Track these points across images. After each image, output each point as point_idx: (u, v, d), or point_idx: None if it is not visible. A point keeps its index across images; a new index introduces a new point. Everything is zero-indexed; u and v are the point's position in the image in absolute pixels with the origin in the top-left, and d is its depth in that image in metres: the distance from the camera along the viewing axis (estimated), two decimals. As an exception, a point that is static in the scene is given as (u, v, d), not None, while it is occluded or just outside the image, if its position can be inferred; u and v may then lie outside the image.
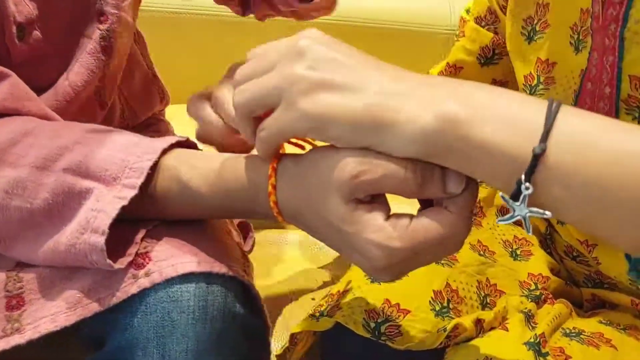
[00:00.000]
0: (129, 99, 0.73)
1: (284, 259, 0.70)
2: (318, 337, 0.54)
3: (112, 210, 0.39)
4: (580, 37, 0.50)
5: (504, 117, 0.30)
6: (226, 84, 0.44)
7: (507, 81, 0.66)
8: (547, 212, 0.30)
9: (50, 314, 0.40)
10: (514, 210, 0.31)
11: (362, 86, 0.33)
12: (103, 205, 0.40)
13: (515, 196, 0.30)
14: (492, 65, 0.65)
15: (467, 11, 0.67)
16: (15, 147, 0.43)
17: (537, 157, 0.29)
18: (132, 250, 0.41)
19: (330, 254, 0.72)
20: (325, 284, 0.67)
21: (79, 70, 0.62)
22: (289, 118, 0.33)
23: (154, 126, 0.78)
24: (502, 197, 0.32)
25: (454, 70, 0.67)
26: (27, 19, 0.55)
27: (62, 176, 0.41)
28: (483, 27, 0.64)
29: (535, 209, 0.31)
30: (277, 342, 0.61)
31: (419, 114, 0.31)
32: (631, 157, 0.28)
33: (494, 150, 0.30)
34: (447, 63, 0.67)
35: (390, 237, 0.33)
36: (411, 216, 0.35)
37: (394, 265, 0.34)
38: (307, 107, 0.33)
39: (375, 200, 0.35)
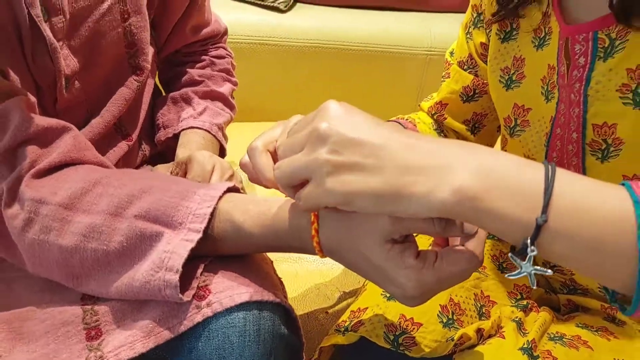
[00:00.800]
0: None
1: (299, 275, 0.78)
2: (337, 350, 0.62)
3: (184, 252, 0.46)
4: (549, 89, 0.59)
5: (509, 189, 0.36)
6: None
7: (486, 113, 0.74)
8: (549, 271, 0.39)
9: (128, 342, 0.47)
10: (521, 268, 0.39)
11: (380, 164, 0.38)
12: (174, 247, 0.47)
13: (522, 253, 0.37)
14: (473, 102, 0.74)
15: (451, 53, 0.76)
16: (87, 196, 0.50)
17: (540, 226, 0.35)
18: (195, 284, 0.48)
19: (338, 272, 0.80)
20: (337, 299, 0.75)
21: (113, 111, 0.68)
22: (319, 195, 0.40)
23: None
24: (512, 258, 0.39)
25: (441, 107, 0.76)
26: (72, 72, 0.62)
27: (134, 222, 0.48)
28: (465, 70, 0.72)
29: (539, 268, 0.38)
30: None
31: (436, 187, 0.36)
32: (621, 216, 0.35)
33: (503, 218, 0.36)
34: (436, 101, 0.76)
35: (421, 272, 0.42)
36: (435, 253, 0.43)
37: (423, 294, 0.43)
38: (333, 187, 0.39)
39: (406, 240, 0.43)
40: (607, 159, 0.55)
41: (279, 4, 1.28)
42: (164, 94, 0.86)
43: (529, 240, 0.36)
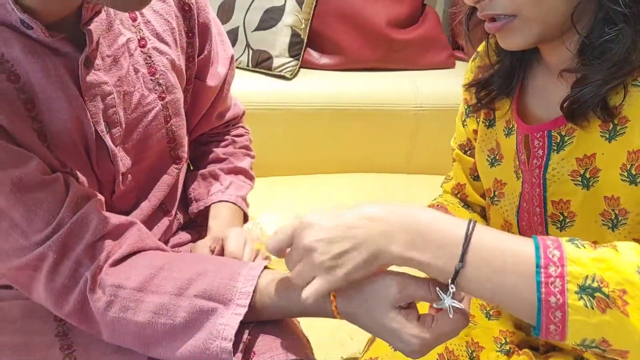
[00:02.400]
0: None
1: (316, 322, 0.91)
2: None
3: (235, 324, 0.59)
4: (518, 170, 0.73)
5: (438, 245, 0.51)
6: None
7: None
8: (461, 305, 0.53)
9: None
10: (444, 300, 0.53)
11: (356, 245, 0.53)
12: (226, 321, 0.60)
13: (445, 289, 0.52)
14: (479, 180, 0.86)
15: (454, 138, 0.89)
16: (154, 279, 0.63)
17: (457, 271, 0.51)
18: (242, 347, 0.61)
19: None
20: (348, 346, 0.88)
21: (158, 195, 0.82)
22: (329, 285, 0.55)
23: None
24: (438, 292, 0.53)
25: (460, 187, 0.89)
26: (126, 169, 0.75)
27: (194, 300, 0.61)
28: (465, 153, 0.86)
29: (455, 302, 0.53)
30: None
31: (387, 246, 0.53)
32: (524, 262, 0.50)
33: (432, 268, 0.52)
34: (454, 184, 0.89)
35: (422, 331, 0.55)
36: (432, 316, 0.56)
37: (423, 348, 0.56)
38: (331, 279, 0.54)
39: (409, 306, 0.56)
40: (564, 229, 0.68)
41: (285, 72, 1.44)
42: (192, 167, 0.99)
43: (449, 280, 0.51)
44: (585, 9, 0.59)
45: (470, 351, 0.75)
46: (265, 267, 0.65)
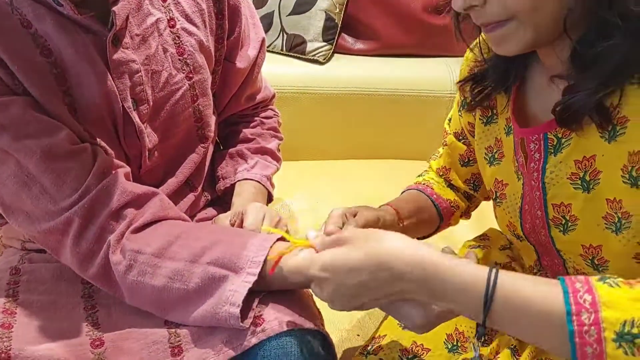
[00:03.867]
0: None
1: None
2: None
3: (243, 290, 0.62)
4: (519, 170, 0.70)
5: (463, 300, 0.52)
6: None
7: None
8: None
9: (203, 358, 0.63)
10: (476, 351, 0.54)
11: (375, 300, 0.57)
12: (236, 287, 0.62)
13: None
14: (469, 166, 0.85)
15: (449, 121, 0.87)
16: (172, 247, 0.66)
17: (484, 324, 0.51)
18: (252, 314, 0.64)
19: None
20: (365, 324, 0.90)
21: (185, 172, 0.85)
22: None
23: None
24: (472, 346, 0.54)
25: (446, 170, 0.88)
26: (153, 145, 0.79)
27: (207, 267, 0.64)
28: (460, 140, 0.84)
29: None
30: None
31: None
32: (548, 314, 0.48)
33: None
34: (441, 165, 0.88)
35: (425, 309, 0.56)
36: None
37: (427, 325, 0.57)
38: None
39: None
40: (567, 232, 0.65)
41: (318, 56, 1.45)
42: (221, 147, 1.02)
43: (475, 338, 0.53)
44: (581, 17, 0.56)
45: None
46: (281, 239, 0.68)
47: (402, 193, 0.89)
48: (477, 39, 0.73)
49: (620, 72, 0.55)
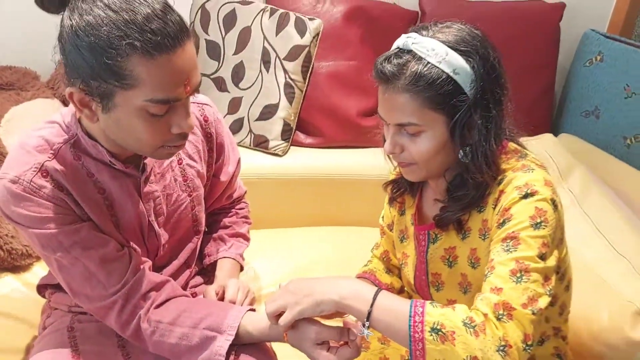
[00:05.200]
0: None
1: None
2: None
3: (226, 346, 1.01)
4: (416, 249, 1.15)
5: (360, 297, 0.89)
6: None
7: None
8: (370, 332, 0.92)
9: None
10: (363, 332, 0.91)
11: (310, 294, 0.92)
12: (221, 344, 1.02)
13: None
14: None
15: (382, 217, 1.27)
16: (180, 317, 1.05)
17: (369, 314, 0.86)
18: (231, 358, 1.04)
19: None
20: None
21: (185, 256, 1.25)
22: (289, 316, 0.93)
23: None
24: (361, 326, 0.91)
25: (386, 254, 1.25)
26: (165, 241, 1.18)
27: (204, 332, 1.03)
28: (390, 230, 1.21)
29: (368, 331, 0.90)
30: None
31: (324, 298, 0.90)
32: (403, 314, 0.85)
33: (354, 310, 0.90)
34: (382, 251, 1.27)
35: (329, 356, 0.95)
36: (337, 348, 0.97)
37: None
38: (293, 311, 0.93)
39: (323, 343, 0.97)
40: (439, 290, 1.08)
41: (278, 151, 1.84)
42: (206, 229, 1.41)
43: (366, 319, 0.88)
44: (454, 169, 0.98)
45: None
46: (250, 310, 1.08)
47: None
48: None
49: (469, 205, 0.98)
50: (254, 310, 1.10)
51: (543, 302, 0.85)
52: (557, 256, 0.91)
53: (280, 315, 0.95)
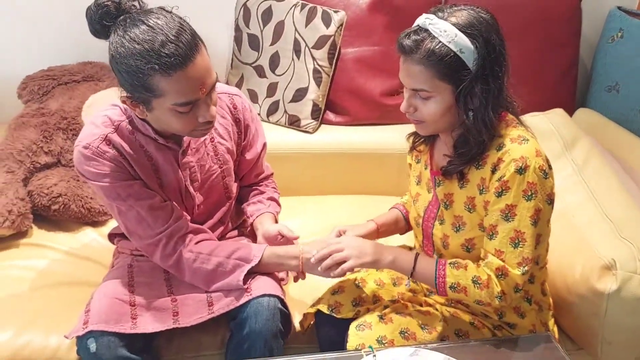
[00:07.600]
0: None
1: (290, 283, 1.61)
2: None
3: (245, 271, 1.33)
4: (430, 189, 1.34)
5: (405, 262, 1.26)
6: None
7: None
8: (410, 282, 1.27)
9: (225, 304, 1.34)
10: (409, 282, 1.30)
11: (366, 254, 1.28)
12: (244, 270, 1.33)
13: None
14: None
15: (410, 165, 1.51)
16: (215, 250, 1.36)
17: (412, 273, 1.26)
18: (245, 285, 1.34)
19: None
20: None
21: (219, 216, 1.55)
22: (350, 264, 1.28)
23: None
24: (409, 278, 1.27)
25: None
26: (200, 202, 1.50)
27: (234, 261, 1.35)
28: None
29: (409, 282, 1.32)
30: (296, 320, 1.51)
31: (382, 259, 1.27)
32: (431, 276, 1.25)
33: (402, 270, 1.28)
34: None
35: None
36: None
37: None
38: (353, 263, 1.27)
39: None
40: (441, 224, 1.30)
41: (309, 129, 2.10)
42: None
43: (409, 276, 1.24)
44: (459, 130, 1.21)
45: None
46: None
47: (389, 209, 1.55)
48: None
49: (471, 160, 1.21)
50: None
51: (531, 262, 1.19)
52: (548, 218, 1.21)
53: (321, 260, 1.30)
